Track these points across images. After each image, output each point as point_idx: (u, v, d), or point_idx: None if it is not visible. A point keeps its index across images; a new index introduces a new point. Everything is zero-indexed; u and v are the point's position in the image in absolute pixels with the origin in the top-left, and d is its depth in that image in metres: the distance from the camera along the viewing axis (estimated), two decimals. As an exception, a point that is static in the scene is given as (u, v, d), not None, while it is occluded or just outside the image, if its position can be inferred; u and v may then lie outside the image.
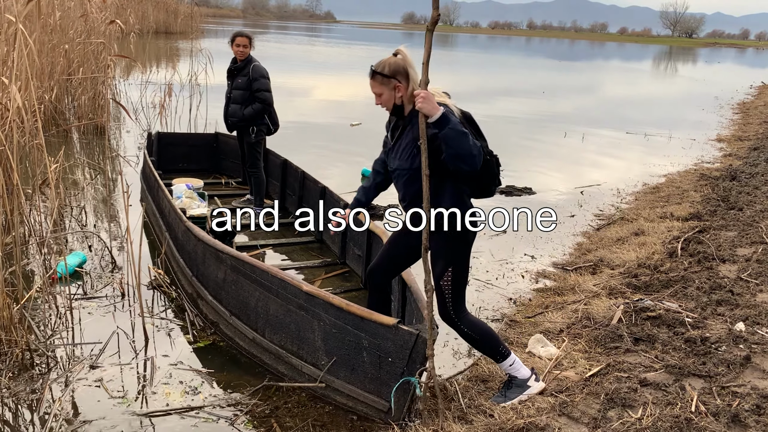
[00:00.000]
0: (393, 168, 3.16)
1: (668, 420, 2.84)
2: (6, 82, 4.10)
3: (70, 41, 9.90)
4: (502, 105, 17.13)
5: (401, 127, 3.11)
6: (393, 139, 3.16)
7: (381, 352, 3.06)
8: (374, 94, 3.06)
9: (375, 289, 3.46)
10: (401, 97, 3.02)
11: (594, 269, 5.31)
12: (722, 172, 8.94)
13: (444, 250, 3.09)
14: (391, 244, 3.42)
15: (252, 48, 6.07)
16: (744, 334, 3.67)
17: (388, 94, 3.02)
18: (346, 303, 3.16)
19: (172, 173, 7.09)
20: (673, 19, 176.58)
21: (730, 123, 15.68)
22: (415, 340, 2.94)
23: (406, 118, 3.08)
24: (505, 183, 8.40)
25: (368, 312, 3.10)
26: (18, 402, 3.23)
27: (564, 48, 76.24)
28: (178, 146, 7.60)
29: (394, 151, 3.14)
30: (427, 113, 2.77)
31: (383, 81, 3.00)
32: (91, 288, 4.57)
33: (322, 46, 45.56)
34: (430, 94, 2.77)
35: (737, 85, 27.36)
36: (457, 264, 3.11)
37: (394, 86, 3.00)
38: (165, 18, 36.57)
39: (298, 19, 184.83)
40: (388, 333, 3.01)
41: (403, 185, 3.13)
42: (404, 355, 2.99)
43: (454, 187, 3.07)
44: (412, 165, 3.02)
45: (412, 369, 2.99)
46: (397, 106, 3.06)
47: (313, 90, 17.91)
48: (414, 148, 3.00)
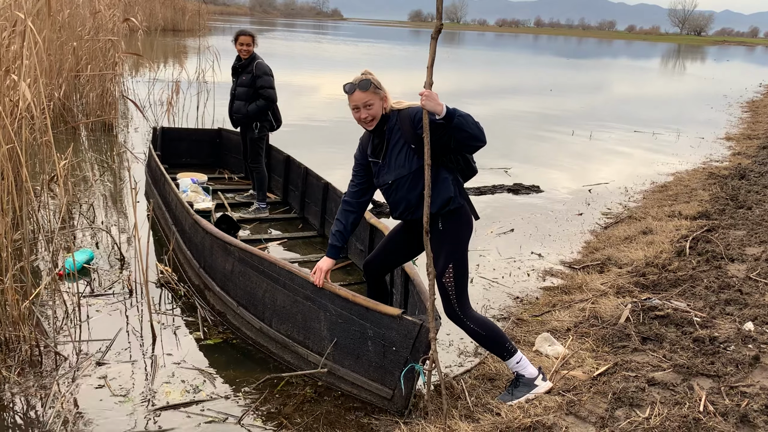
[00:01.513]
0: (389, 182, 3.20)
1: (676, 420, 2.83)
2: (16, 79, 4.12)
3: (78, 38, 9.93)
4: (510, 103, 17.09)
5: (384, 140, 3.19)
6: (379, 157, 3.22)
7: (385, 342, 3.14)
8: (362, 107, 3.13)
9: (371, 282, 3.57)
10: (386, 106, 3.17)
11: (602, 268, 5.29)
12: (731, 171, 8.89)
13: (443, 247, 3.15)
14: (389, 239, 3.49)
15: (255, 46, 6.09)
16: (753, 333, 3.64)
17: (378, 105, 3.15)
18: (352, 294, 3.25)
19: (176, 168, 7.22)
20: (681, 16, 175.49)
21: (739, 121, 15.58)
22: (418, 329, 3.02)
23: (385, 132, 3.18)
24: (513, 181, 8.39)
25: (374, 303, 3.19)
26: (26, 398, 3.25)
27: (572, 46, 75.95)
28: (182, 141, 7.68)
29: (386, 166, 3.20)
30: (432, 110, 2.88)
31: (375, 91, 3.13)
32: (98, 285, 4.59)
33: (328, 43, 45.54)
34: (433, 93, 2.86)
35: (746, 83, 27.18)
36: (457, 260, 3.16)
37: (382, 96, 3.15)
38: (173, 15, 36.65)
39: (305, 17, 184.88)
40: (393, 323, 3.10)
41: (406, 192, 3.16)
42: (408, 345, 3.07)
43: (455, 177, 3.20)
44: (411, 168, 3.12)
45: (416, 358, 3.07)
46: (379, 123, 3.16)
47: (319, 87, 17.91)
48: (408, 150, 3.12)
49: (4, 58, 4.26)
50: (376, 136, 3.22)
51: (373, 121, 3.16)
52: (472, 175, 3.35)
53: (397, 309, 3.11)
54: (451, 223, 3.16)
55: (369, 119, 3.14)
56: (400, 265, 3.66)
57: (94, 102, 10.01)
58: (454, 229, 3.17)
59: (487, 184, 8.09)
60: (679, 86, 27.37)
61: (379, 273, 3.54)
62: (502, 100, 17.71)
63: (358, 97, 3.12)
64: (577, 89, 22.66)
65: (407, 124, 3.11)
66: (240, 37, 5.95)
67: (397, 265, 3.65)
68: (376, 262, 3.50)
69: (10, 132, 3.96)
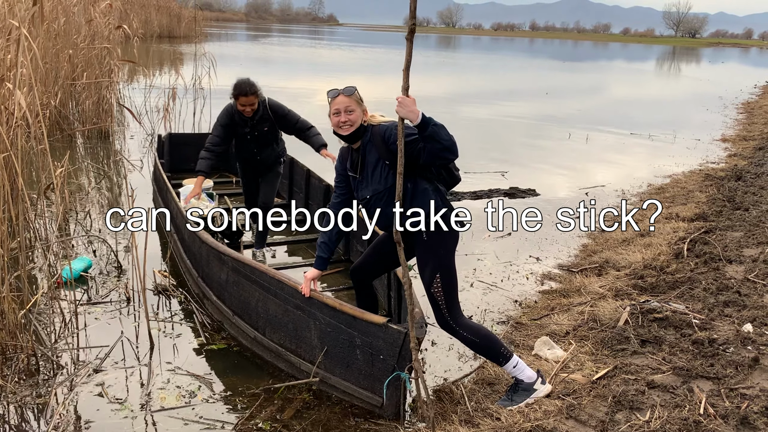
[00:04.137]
0: (368, 196, 3.22)
1: (677, 423, 2.82)
2: (11, 87, 4.11)
3: (74, 46, 9.93)
4: (506, 107, 17.11)
5: (360, 156, 3.22)
6: (357, 172, 3.25)
7: (373, 350, 3.15)
8: (343, 111, 3.15)
9: (359, 288, 3.59)
10: (365, 119, 3.21)
11: (600, 271, 5.29)
12: (727, 173, 8.90)
13: (429, 257, 3.16)
14: (375, 247, 3.51)
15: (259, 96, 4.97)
16: (752, 335, 3.64)
17: (358, 113, 3.18)
18: (339, 303, 3.26)
19: (183, 173, 7.27)
20: (676, 19, 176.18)
21: (735, 123, 15.62)
22: (403, 338, 3.03)
23: (360, 148, 3.21)
24: (509, 185, 8.39)
25: (360, 311, 3.20)
26: (23, 407, 3.23)
27: (567, 49, 76.17)
28: (189, 146, 7.70)
29: (364, 181, 3.23)
30: (405, 116, 2.89)
31: (358, 101, 3.19)
32: (96, 293, 4.58)
33: (324, 49, 45.61)
34: (407, 99, 2.86)
35: (741, 84, 27.27)
36: (444, 268, 3.15)
37: (363, 109, 3.21)
38: (168, 22, 36.68)
39: (300, 22, 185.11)
40: (379, 332, 3.10)
41: (384, 206, 3.17)
42: (394, 353, 3.08)
43: (436, 187, 3.21)
44: (387, 184, 3.15)
45: (402, 366, 3.08)
46: (355, 131, 3.18)
47: (316, 92, 17.92)
48: (383, 166, 3.15)
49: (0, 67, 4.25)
50: (354, 150, 3.26)
51: (351, 126, 3.16)
52: (455, 183, 3.38)
53: (382, 317, 3.11)
54: (435, 233, 3.15)
55: (348, 124, 3.16)
56: (387, 271, 3.71)
57: (90, 109, 10.00)
58: (439, 239, 3.16)
59: (484, 188, 8.09)
60: (674, 88, 27.45)
61: (366, 279, 3.57)
62: (498, 103, 17.74)
63: (341, 100, 3.16)
64: (573, 92, 22.71)
65: (379, 141, 3.14)
66: (240, 99, 4.81)
67: (384, 272, 3.69)
68: (362, 269, 3.53)
69: (5, 140, 3.95)
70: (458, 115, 14.88)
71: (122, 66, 12.72)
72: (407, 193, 3.10)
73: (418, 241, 3.17)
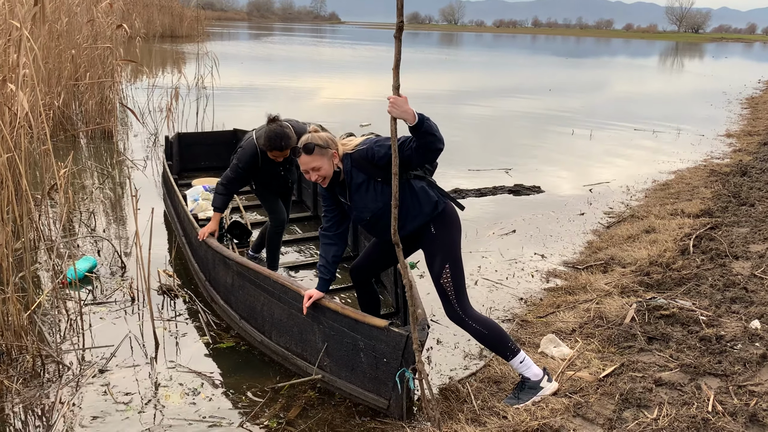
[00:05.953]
0: (367, 218, 3.20)
1: (685, 420, 2.81)
2: (13, 88, 4.10)
3: (76, 46, 9.93)
4: (509, 104, 17.07)
5: (347, 184, 3.18)
6: (348, 198, 3.22)
7: (376, 353, 3.15)
8: (310, 170, 3.13)
9: (359, 287, 3.61)
10: (337, 162, 3.15)
11: (605, 268, 5.27)
12: (732, 168, 8.86)
13: (438, 250, 3.17)
14: (374, 244, 3.50)
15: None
16: (759, 331, 3.62)
17: (327, 164, 3.14)
18: (341, 306, 3.27)
19: (193, 172, 7.34)
20: (678, 14, 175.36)
21: (739, 118, 15.55)
22: (405, 341, 3.02)
23: (345, 177, 3.17)
24: (513, 182, 8.36)
25: (362, 315, 3.20)
26: (29, 408, 3.23)
27: (570, 45, 75.94)
28: (199, 145, 7.72)
29: (357, 207, 3.20)
30: (399, 117, 2.82)
31: (322, 152, 3.11)
32: (101, 293, 4.58)
33: (326, 47, 45.57)
34: (399, 99, 2.80)
35: (745, 80, 27.16)
36: (452, 259, 3.17)
37: (331, 155, 3.13)
38: (170, 22, 36.64)
39: (302, 21, 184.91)
40: (381, 335, 3.10)
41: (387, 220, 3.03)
42: (397, 356, 3.08)
43: (429, 182, 3.21)
44: (385, 200, 3.11)
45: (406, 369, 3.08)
46: (332, 178, 3.16)
47: (319, 91, 17.91)
48: (375, 185, 3.11)
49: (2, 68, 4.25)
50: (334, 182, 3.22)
51: (325, 179, 3.16)
52: (434, 169, 3.37)
53: (384, 321, 3.11)
54: (442, 225, 3.19)
55: (320, 178, 3.15)
56: (386, 269, 3.69)
57: (93, 110, 10.00)
58: (446, 230, 3.19)
59: (488, 185, 8.07)
60: (678, 84, 27.35)
61: (366, 278, 3.58)
62: (502, 100, 17.70)
63: (304, 161, 3.13)
64: (577, 88, 22.64)
65: (364, 164, 3.10)
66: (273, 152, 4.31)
67: (383, 270, 3.69)
68: (362, 267, 3.54)
69: (9, 141, 3.95)
70: (461, 112, 14.85)
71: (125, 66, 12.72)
72: (406, 197, 3.10)
73: (425, 235, 3.18)
